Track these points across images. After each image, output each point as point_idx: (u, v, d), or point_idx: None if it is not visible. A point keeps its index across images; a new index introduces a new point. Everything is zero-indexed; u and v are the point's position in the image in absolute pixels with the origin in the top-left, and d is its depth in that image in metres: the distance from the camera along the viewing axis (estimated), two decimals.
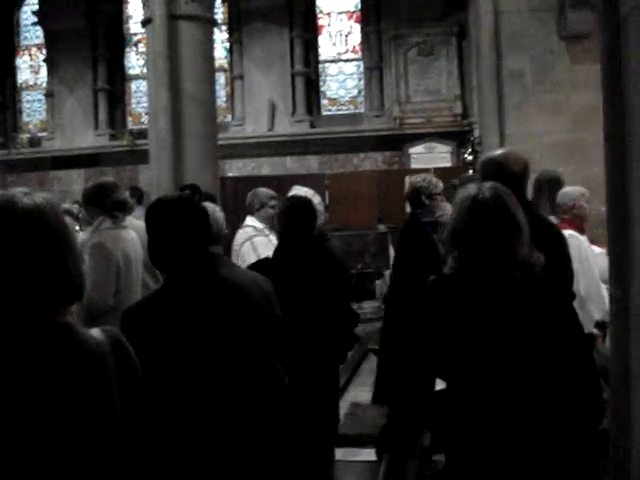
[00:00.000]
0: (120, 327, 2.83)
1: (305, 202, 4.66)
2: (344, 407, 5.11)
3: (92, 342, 1.92)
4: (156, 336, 2.74)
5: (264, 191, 6.61)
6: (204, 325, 2.81)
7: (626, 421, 1.90)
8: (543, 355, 2.75)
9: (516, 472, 2.77)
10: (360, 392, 7.45)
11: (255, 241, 6.24)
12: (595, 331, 5.10)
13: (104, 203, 5.06)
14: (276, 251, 4.63)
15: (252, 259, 5.99)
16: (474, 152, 12.45)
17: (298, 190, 5.38)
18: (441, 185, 5.97)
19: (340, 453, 4.01)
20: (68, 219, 5.31)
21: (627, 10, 1.69)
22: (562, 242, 3.97)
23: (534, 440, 2.76)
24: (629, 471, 1.88)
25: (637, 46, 1.65)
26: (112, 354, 1.95)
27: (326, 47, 19.37)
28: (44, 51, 20.26)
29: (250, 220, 6.55)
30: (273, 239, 6.52)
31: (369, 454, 3.41)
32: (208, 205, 3.81)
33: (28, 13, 20.58)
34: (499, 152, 4.15)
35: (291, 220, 4.52)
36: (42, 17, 19.73)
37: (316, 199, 5.09)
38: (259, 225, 6.42)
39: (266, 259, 4.66)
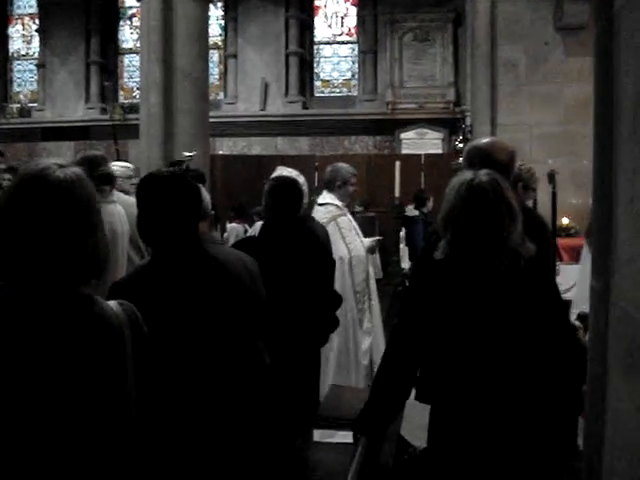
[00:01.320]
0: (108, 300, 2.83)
1: (291, 182, 4.65)
2: (324, 389, 5.13)
3: (110, 314, 1.96)
4: (143, 310, 2.74)
5: (346, 167, 6.43)
6: (191, 301, 2.81)
7: (600, 416, 1.91)
8: (525, 343, 2.77)
9: (496, 459, 2.80)
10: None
11: (339, 221, 6.17)
12: (577, 323, 5.13)
13: (91, 176, 5.03)
14: (261, 231, 4.63)
15: (338, 240, 5.95)
16: (465, 140, 12.46)
17: (282, 171, 5.35)
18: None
19: (318, 434, 4.02)
20: None
21: (620, 3, 1.69)
22: (544, 229, 3.99)
23: (515, 426, 2.79)
24: (600, 465, 1.90)
25: (628, 40, 1.65)
26: (128, 326, 1.99)
27: (321, 28, 19.32)
28: (37, 21, 20.11)
29: (329, 197, 6.36)
30: (351, 217, 6.47)
31: (346, 436, 3.42)
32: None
33: None
34: (485, 140, 4.12)
35: (277, 200, 4.51)
36: None
37: (300, 180, 5.07)
38: (339, 203, 6.32)
39: (251, 238, 4.66)
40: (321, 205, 6.35)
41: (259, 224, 11.50)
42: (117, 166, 6.55)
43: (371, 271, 6.52)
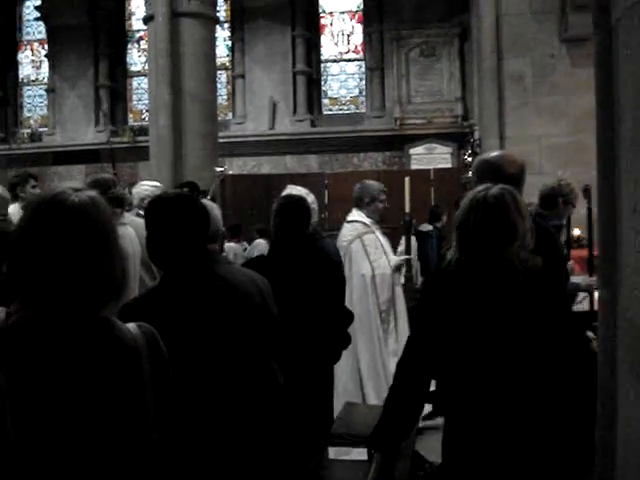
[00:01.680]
0: None
1: (299, 201, 4.67)
2: (338, 406, 5.13)
3: (129, 337, 1.97)
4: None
5: (375, 184, 6.48)
6: (202, 323, 2.82)
7: (611, 424, 1.91)
8: (537, 355, 2.77)
9: (512, 473, 2.79)
10: None
11: (365, 239, 6.18)
12: (590, 334, 5.10)
13: None
14: (271, 249, 4.64)
15: (361, 258, 5.95)
16: (474, 154, 12.46)
17: (292, 189, 5.37)
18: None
19: (333, 452, 4.02)
20: None
21: (617, 16, 1.71)
22: (556, 244, 3.96)
23: (529, 440, 2.77)
24: (613, 471, 1.90)
25: (626, 51, 1.67)
26: (146, 349, 2.00)
27: (328, 47, 19.41)
28: (46, 46, 20.28)
29: (358, 214, 6.39)
30: (379, 235, 6.46)
31: (361, 453, 3.42)
32: (206, 202, 3.83)
33: (31, 8, 20.62)
34: (494, 154, 4.10)
35: (285, 219, 4.53)
36: (44, 12, 19.76)
37: (310, 198, 5.09)
38: (367, 220, 6.32)
39: (261, 257, 4.67)
40: (349, 222, 6.37)
41: (258, 241, 11.53)
42: (147, 185, 6.58)
43: (399, 291, 6.49)
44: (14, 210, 6.21)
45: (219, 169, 7.78)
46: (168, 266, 2.97)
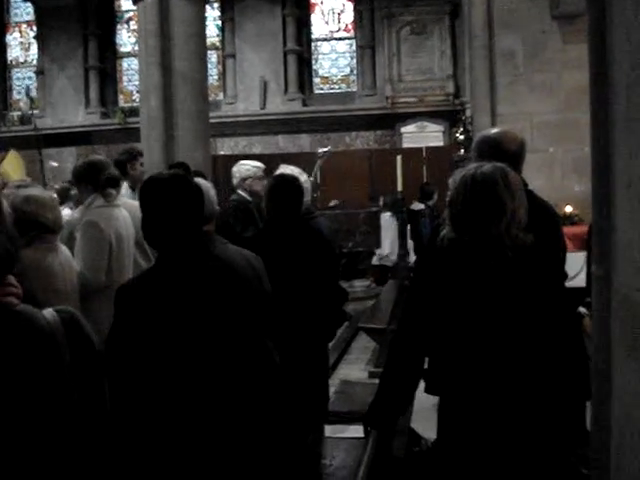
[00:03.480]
0: (115, 303, 2.85)
1: (292, 180, 4.67)
2: (334, 385, 5.15)
3: (42, 322, 1.93)
4: (150, 313, 2.76)
5: None
6: (198, 302, 2.82)
7: (606, 399, 1.93)
8: (530, 332, 2.79)
9: (505, 448, 2.81)
10: (350, 370, 7.52)
11: None
12: (583, 310, 5.13)
13: (97, 180, 5.04)
14: (263, 228, 4.65)
15: None
16: (466, 132, 12.48)
17: (285, 169, 5.36)
18: None
19: (329, 430, 4.05)
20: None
21: None
22: (556, 222, 3.94)
23: (524, 417, 2.80)
24: (608, 446, 1.92)
25: (619, 28, 1.67)
26: (64, 333, 1.97)
27: (318, 25, 19.32)
28: (34, 28, 20.13)
29: None
30: None
31: (357, 430, 3.44)
32: (202, 183, 3.83)
33: None
34: (495, 131, 4.05)
35: (278, 198, 4.54)
36: None
37: (303, 177, 5.09)
38: None
39: (256, 236, 4.67)
40: None
41: None
42: (249, 165, 6.48)
43: None
44: (123, 187, 6.15)
45: (324, 149, 7.65)
46: (163, 247, 2.96)
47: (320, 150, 7.61)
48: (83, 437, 2.00)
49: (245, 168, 6.44)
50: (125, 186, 6.08)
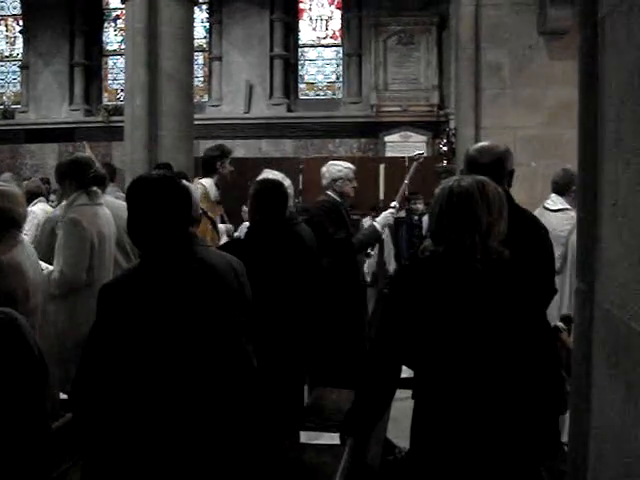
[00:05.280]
0: (97, 302, 2.83)
1: (276, 185, 4.67)
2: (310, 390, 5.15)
3: None
4: (133, 312, 2.75)
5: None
6: (180, 303, 2.82)
7: (586, 413, 1.94)
8: (504, 345, 2.80)
9: (478, 459, 2.82)
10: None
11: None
12: (560, 325, 5.16)
13: (82, 178, 5.01)
14: (248, 233, 4.64)
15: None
16: (449, 143, 12.51)
17: (268, 174, 5.34)
18: None
19: (305, 436, 4.04)
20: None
21: (605, 11, 1.72)
22: (543, 237, 3.94)
23: (496, 428, 2.81)
24: (586, 461, 1.93)
25: (613, 45, 1.69)
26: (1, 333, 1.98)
27: (306, 31, 19.36)
28: (20, 22, 20.03)
29: (559, 201, 6.19)
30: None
31: (333, 438, 3.43)
32: (188, 185, 3.82)
33: None
34: (478, 145, 4.12)
35: (262, 203, 4.54)
36: None
37: (286, 182, 5.07)
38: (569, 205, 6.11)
39: (238, 240, 4.66)
40: (554, 211, 6.16)
41: (246, 224, 11.55)
42: (341, 166, 6.36)
43: None
44: (209, 184, 6.12)
45: (419, 152, 7.56)
46: (149, 247, 2.95)
47: (415, 152, 7.52)
48: (17, 439, 2.01)
49: (337, 169, 6.30)
50: (210, 181, 6.11)
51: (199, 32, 18.32)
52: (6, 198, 4.06)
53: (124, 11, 12.29)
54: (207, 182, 6.12)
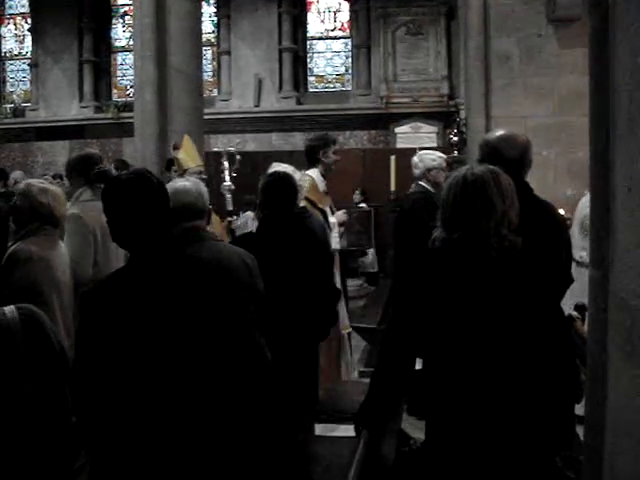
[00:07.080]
0: (79, 309, 2.81)
1: (286, 178, 4.66)
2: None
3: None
4: (115, 318, 2.70)
5: None
6: (165, 306, 2.77)
7: (602, 402, 1.93)
8: (519, 334, 2.79)
9: (493, 450, 2.81)
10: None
11: None
12: (574, 313, 5.14)
13: (88, 174, 5.04)
14: (259, 227, 4.64)
15: None
16: (460, 133, 12.45)
17: (278, 167, 5.32)
18: None
19: (319, 429, 4.04)
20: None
21: None
22: (560, 227, 3.87)
23: (511, 418, 2.80)
24: (602, 449, 1.92)
25: (624, 31, 1.67)
26: (22, 332, 2.01)
27: (314, 24, 19.29)
28: (29, 20, 20.04)
29: None
30: None
31: (348, 430, 3.43)
32: (192, 180, 3.82)
33: None
34: (497, 134, 3.94)
35: (272, 196, 4.53)
36: None
37: (297, 175, 5.06)
38: None
39: (250, 234, 4.66)
40: None
41: (248, 213, 11.57)
42: (434, 156, 6.32)
43: None
44: (316, 175, 6.10)
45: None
46: (132, 247, 2.91)
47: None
48: (39, 434, 2.02)
49: (430, 158, 6.26)
50: (316, 171, 6.09)
51: (207, 27, 18.27)
52: (50, 195, 4.20)
53: (132, 7, 12.29)
54: (314, 173, 6.04)
